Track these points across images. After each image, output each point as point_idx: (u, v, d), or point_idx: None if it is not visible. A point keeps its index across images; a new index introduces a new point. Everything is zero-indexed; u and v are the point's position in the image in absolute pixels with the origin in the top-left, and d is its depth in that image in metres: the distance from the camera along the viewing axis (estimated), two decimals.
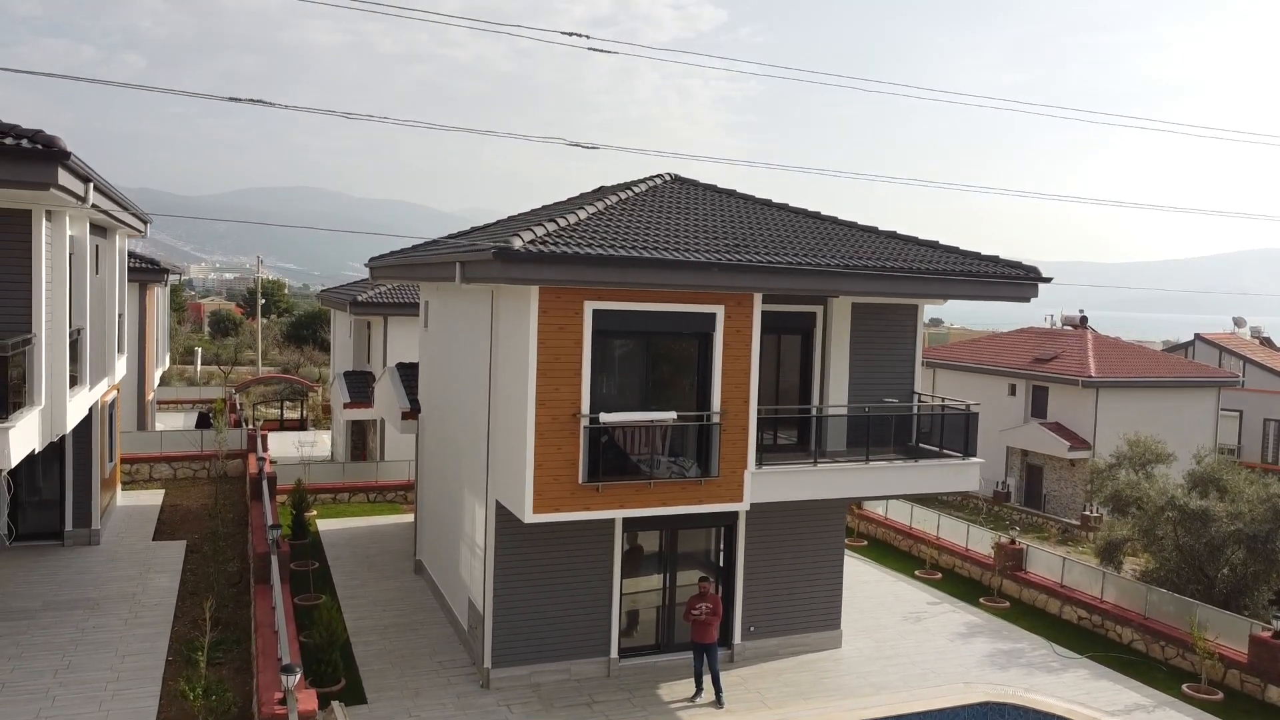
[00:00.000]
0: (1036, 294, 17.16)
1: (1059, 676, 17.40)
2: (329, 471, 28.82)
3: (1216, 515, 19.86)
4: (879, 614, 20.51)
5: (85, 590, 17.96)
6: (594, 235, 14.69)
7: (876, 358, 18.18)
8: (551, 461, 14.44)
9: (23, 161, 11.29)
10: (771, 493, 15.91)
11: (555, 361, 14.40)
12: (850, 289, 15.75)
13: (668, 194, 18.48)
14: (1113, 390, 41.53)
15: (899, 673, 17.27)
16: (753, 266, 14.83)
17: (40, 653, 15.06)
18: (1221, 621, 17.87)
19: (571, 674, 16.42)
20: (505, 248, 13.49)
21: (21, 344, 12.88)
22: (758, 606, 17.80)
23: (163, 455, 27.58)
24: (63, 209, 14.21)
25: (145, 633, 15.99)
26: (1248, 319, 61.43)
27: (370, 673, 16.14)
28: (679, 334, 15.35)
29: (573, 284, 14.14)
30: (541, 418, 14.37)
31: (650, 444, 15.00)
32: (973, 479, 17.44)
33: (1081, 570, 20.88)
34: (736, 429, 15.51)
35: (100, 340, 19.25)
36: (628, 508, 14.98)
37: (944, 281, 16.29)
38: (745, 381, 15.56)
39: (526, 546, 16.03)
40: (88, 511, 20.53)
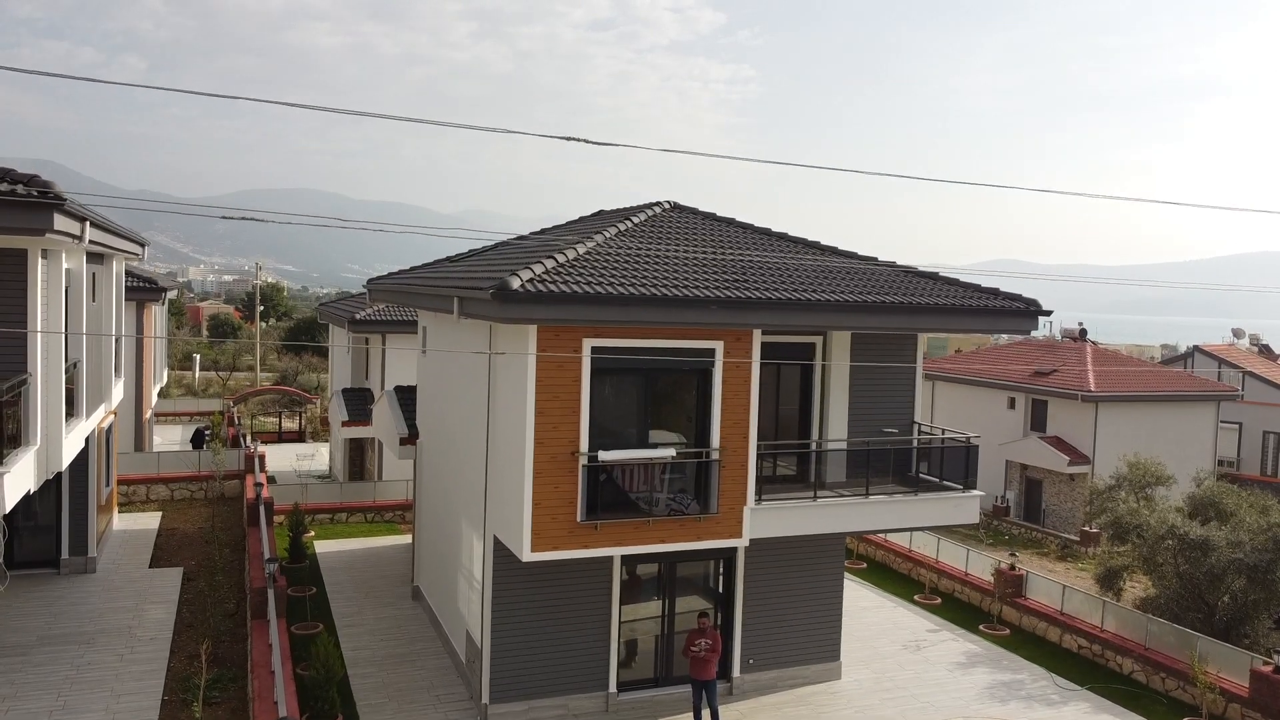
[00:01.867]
0: (1036, 326, 17.11)
1: (1059, 710, 17.33)
2: (327, 491, 28.73)
3: (1217, 544, 19.79)
4: (878, 642, 20.43)
5: (81, 623, 17.87)
6: (592, 271, 14.62)
7: (876, 387, 18.11)
8: (550, 500, 14.38)
9: (18, 209, 11.21)
10: (771, 528, 15.85)
11: (553, 400, 14.33)
12: (849, 324, 15.70)
13: (667, 224, 18.43)
14: (1112, 405, 41.46)
15: (898, 707, 17.19)
16: (752, 302, 14.77)
17: (34, 692, 14.96)
18: (1222, 654, 17.79)
19: (569, 709, 16.34)
20: (503, 288, 13.42)
21: (17, 385, 12.80)
22: (757, 639, 17.72)
23: (159, 476, 27.48)
24: (58, 248, 14.13)
25: (140, 670, 15.90)
26: (1248, 323, 61.43)
27: (368, 707, 16.06)
28: (678, 370, 15.29)
29: (571, 323, 14.07)
30: (539, 456, 14.31)
31: (649, 481, 14.92)
32: (972, 512, 17.38)
33: (1082, 598, 20.80)
34: (736, 465, 15.45)
35: (97, 368, 19.17)
36: (626, 545, 14.91)
37: (944, 314, 16.23)
38: (744, 417, 15.50)
39: (525, 582, 15.95)
40: (84, 539, 20.45)
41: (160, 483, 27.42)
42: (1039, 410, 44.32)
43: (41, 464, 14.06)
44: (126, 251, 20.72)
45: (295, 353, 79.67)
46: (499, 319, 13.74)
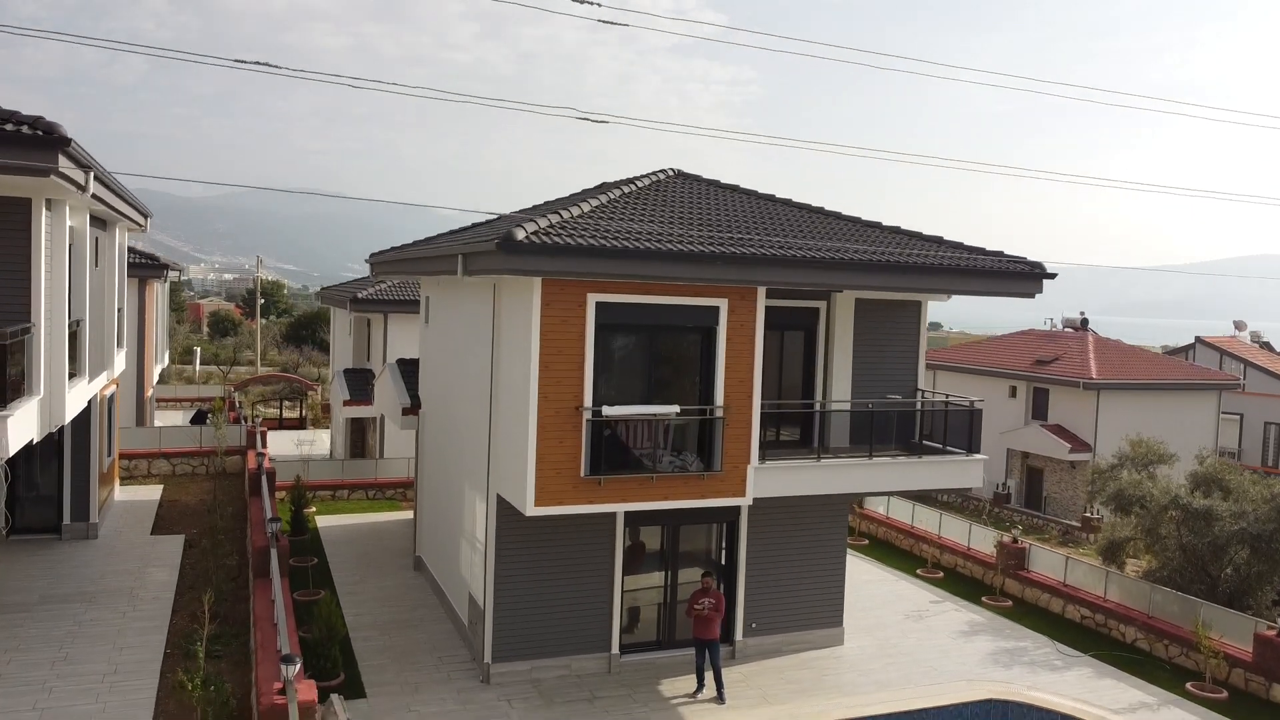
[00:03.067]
0: (1041, 289, 17.06)
1: (1062, 675, 17.30)
2: (328, 469, 28.71)
3: (1220, 515, 19.77)
4: (881, 613, 20.41)
5: (83, 584, 17.85)
6: (597, 228, 14.60)
7: (880, 355, 18.10)
8: (553, 454, 14.35)
9: (24, 147, 11.21)
10: (774, 488, 15.81)
11: (558, 354, 14.30)
12: (854, 282, 15.64)
13: (671, 189, 18.40)
14: (1114, 393, 41.46)
15: (901, 671, 17.16)
16: (757, 258, 14.75)
17: (37, 645, 14.94)
18: (1226, 620, 17.77)
19: (572, 669, 16.32)
20: (508, 239, 13.41)
21: (20, 333, 12.77)
22: (760, 603, 17.70)
23: (161, 451, 27.45)
24: (63, 198, 14.12)
25: (143, 626, 15.87)
26: (1249, 324, 61.36)
27: (369, 668, 16.03)
28: (682, 328, 15.26)
29: (576, 276, 14.04)
30: (544, 411, 14.28)
31: (653, 438, 14.91)
32: (976, 475, 17.35)
33: (1085, 570, 20.78)
34: (739, 424, 15.42)
35: (99, 333, 19.15)
36: (630, 501, 14.88)
37: (949, 274, 16.19)
38: (748, 376, 15.47)
39: (527, 541, 15.93)
40: (86, 505, 20.42)
41: (162, 457, 27.39)
42: (1040, 399, 44.32)
43: (44, 415, 14.04)
44: (130, 219, 20.71)
45: (296, 345, 79.72)
46: (504, 270, 13.70)
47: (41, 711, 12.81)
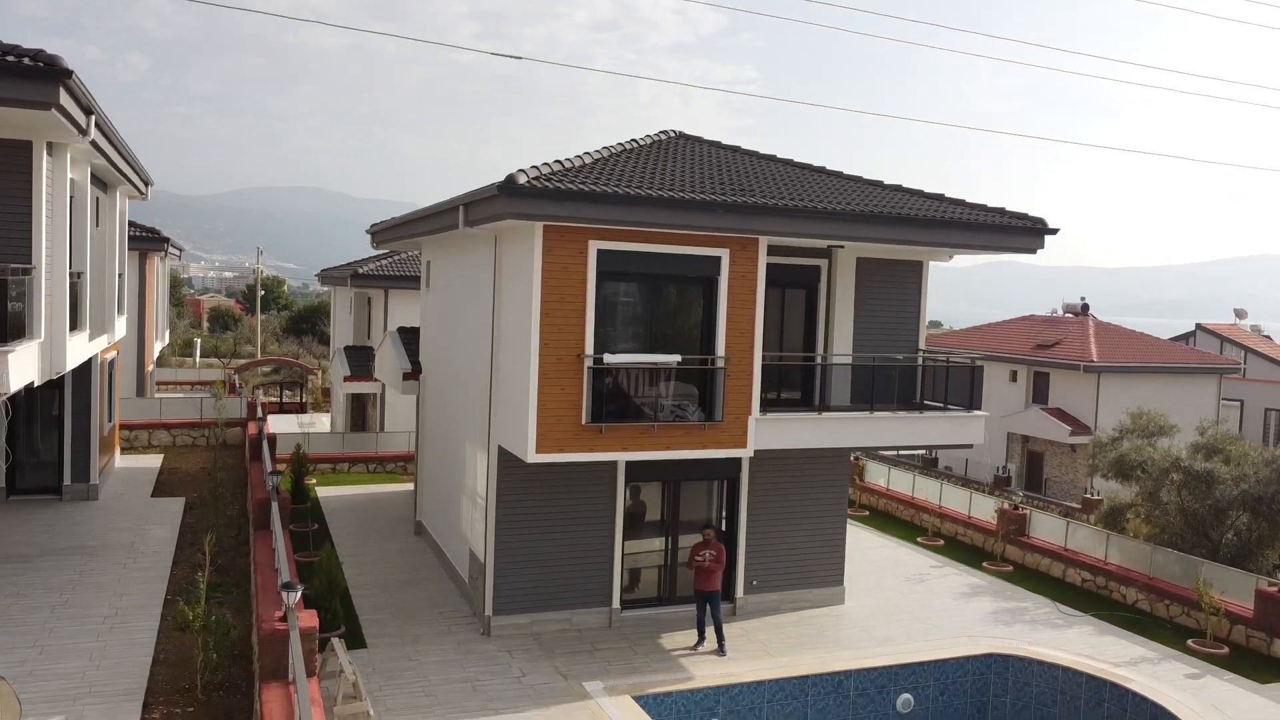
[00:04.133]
0: (1043, 245, 17.04)
1: (1063, 632, 17.29)
2: (328, 441, 28.69)
3: (1222, 477, 19.76)
4: (881, 576, 20.40)
5: (83, 539, 17.85)
6: (598, 178, 14.59)
7: (881, 315, 18.08)
8: (554, 402, 14.34)
9: (24, 79, 11.19)
10: (775, 440, 15.80)
11: (559, 302, 14.29)
12: (856, 233, 15.62)
13: (673, 148, 18.38)
14: (1114, 376, 41.47)
15: (902, 628, 17.15)
16: (758, 206, 14.74)
17: (38, 592, 14.94)
18: (1227, 578, 17.77)
19: (573, 623, 16.31)
20: (509, 181, 13.41)
21: (21, 272, 12.77)
22: (760, 561, 17.68)
23: (161, 422, 27.44)
24: (64, 141, 14.10)
25: (143, 575, 15.88)
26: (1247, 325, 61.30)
27: (370, 622, 16.03)
28: (683, 277, 15.25)
29: (577, 221, 14.03)
30: (545, 358, 14.27)
31: (654, 387, 14.90)
32: (977, 432, 17.34)
33: (1086, 533, 20.77)
34: (741, 374, 15.40)
35: (100, 293, 19.15)
36: (631, 450, 14.87)
37: (950, 227, 16.17)
38: (750, 327, 15.45)
39: (528, 493, 15.92)
40: (86, 467, 20.41)
41: (162, 428, 27.37)
42: (1040, 383, 44.34)
43: (45, 359, 14.03)
44: (131, 183, 20.70)
45: (296, 337, 79.69)
46: (505, 215, 13.67)
47: (42, 649, 12.82)
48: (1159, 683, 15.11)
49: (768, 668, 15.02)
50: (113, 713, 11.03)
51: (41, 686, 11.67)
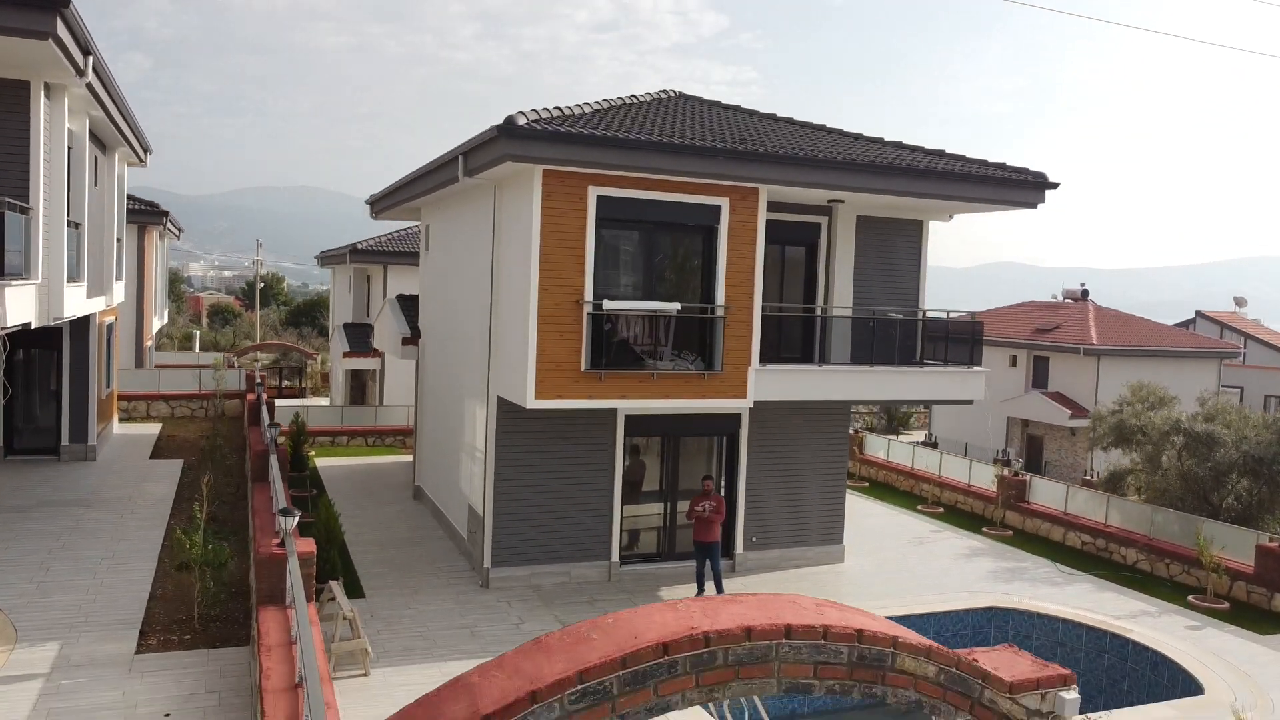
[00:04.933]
0: (1043, 199, 17.01)
1: (1063, 589, 17.24)
2: (327, 415, 28.64)
3: (1222, 440, 19.70)
4: (881, 539, 20.35)
5: (81, 494, 17.81)
6: (597, 125, 14.54)
7: (881, 274, 18.05)
8: (554, 348, 14.30)
9: (21, 7, 11.15)
10: (775, 391, 15.76)
11: (558, 247, 14.25)
12: (857, 184, 15.57)
13: (672, 104, 18.33)
14: (1114, 359, 41.36)
15: (902, 586, 17.10)
16: (758, 154, 14.71)
17: (35, 537, 14.90)
18: (1227, 535, 17.71)
19: (572, 576, 16.26)
20: (509, 122, 13.38)
21: (20, 211, 12.72)
22: (760, 518, 17.62)
23: (160, 394, 27.37)
24: (62, 83, 14.05)
25: (140, 525, 15.83)
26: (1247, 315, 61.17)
27: (368, 575, 15.98)
28: (684, 226, 15.21)
29: (576, 165, 13.99)
30: (544, 304, 14.23)
31: (654, 336, 14.86)
32: (977, 388, 17.31)
33: (1086, 496, 20.72)
34: (740, 324, 15.36)
35: (98, 251, 19.10)
36: (630, 398, 14.82)
37: (951, 180, 16.13)
38: (749, 277, 15.41)
39: (527, 446, 15.87)
40: (84, 427, 20.35)
41: (161, 400, 27.30)
42: (1040, 367, 44.24)
43: (42, 303, 13.99)
44: (130, 146, 20.65)
45: (295, 328, 79.62)
46: (505, 158, 13.62)
47: (39, 585, 12.77)
48: (1159, 633, 15.06)
49: None
50: (109, 639, 10.98)
51: (37, 616, 11.62)
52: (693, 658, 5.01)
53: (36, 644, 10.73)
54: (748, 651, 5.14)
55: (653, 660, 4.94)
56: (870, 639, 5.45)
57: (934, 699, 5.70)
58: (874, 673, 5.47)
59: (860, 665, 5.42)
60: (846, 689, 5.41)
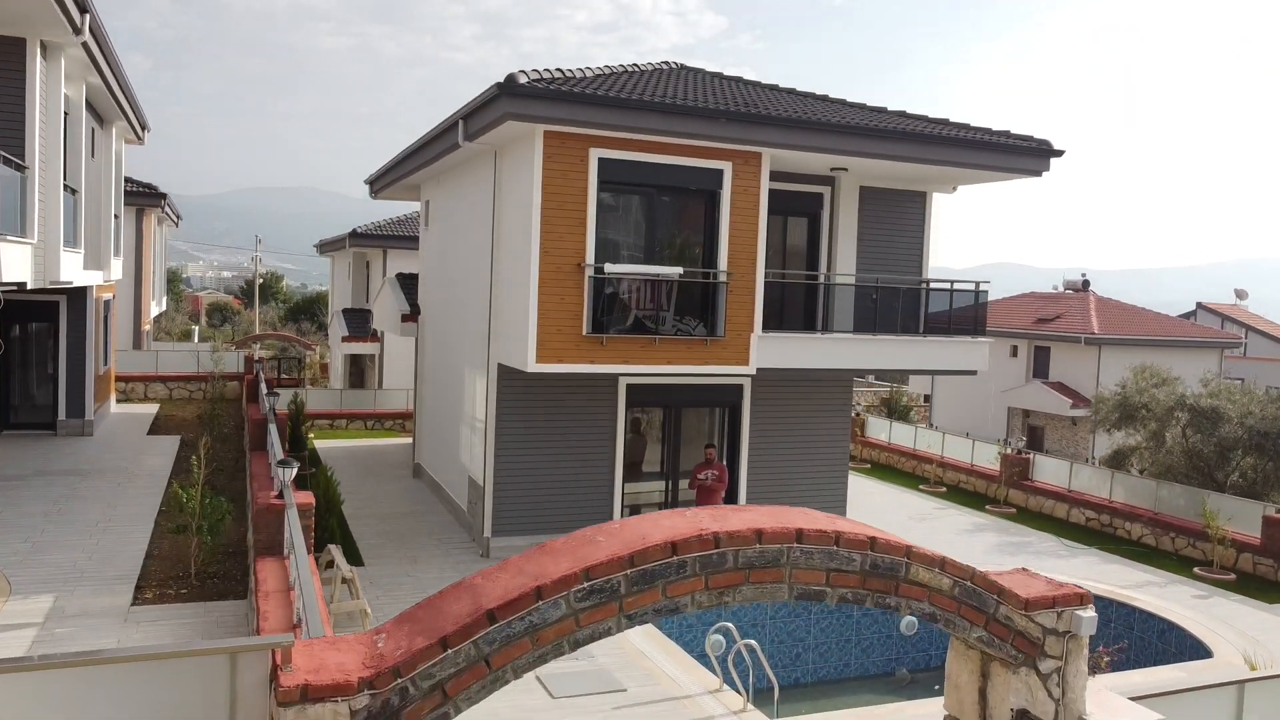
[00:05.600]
0: (1048, 167, 16.86)
1: (1068, 561, 17.13)
2: (326, 398, 28.50)
3: (1227, 415, 19.57)
4: (884, 516, 20.18)
5: (78, 464, 17.66)
6: (599, 88, 14.40)
7: (884, 246, 17.92)
8: (555, 311, 14.16)
9: None
10: (777, 358, 15.61)
11: (560, 209, 14.11)
12: (860, 149, 15.43)
13: (673, 73, 18.19)
14: (1116, 348, 41.19)
15: None
16: (762, 116, 14.58)
17: (31, 502, 14.76)
18: (1233, 507, 17.58)
19: None
20: (510, 80, 13.25)
21: (15, 165, 12.58)
22: (762, 489, 17.46)
23: (158, 375, 27.22)
24: (58, 42, 13.92)
25: (137, 493, 15.69)
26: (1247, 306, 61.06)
27: (367, 545, 15.85)
28: (686, 190, 15.07)
29: (578, 126, 13.85)
30: (545, 266, 14.09)
31: (655, 301, 14.72)
32: (980, 358, 17.17)
33: (1090, 473, 20.60)
34: (743, 290, 15.22)
35: (96, 224, 18.95)
36: (632, 363, 14.67)
37: (956, 146, 15.98)
38: (752, 243, 15.27)
39: (528, 414, 15.73)
40: (81, 402, 20.20)
41: (159, 381, 27.14)
42: (1041, 357, 44.10)
43: (39, 264, 13.85)
44: (128, 118, 20.50)
45: (295, 322, 79.50)
46: (506, 117, 13.47)
47: (35, 544, 12.62)
48: (1166, 602, 14.93)
49: None
50: (105, 593, 10.83)
51: (33, 572, 11.48)
52: (702, 558, 4.87)
53: (31, 596, 10.59)
54: (758, 554, 5.01)
55: (661, 560, 4.80)
56: (884, 548, 5.32)
57: (948, 612, 5.56)
58: (887, 583, 5.33)
59: (873, 574, 5.28)
60: (860, 598, 5.27)
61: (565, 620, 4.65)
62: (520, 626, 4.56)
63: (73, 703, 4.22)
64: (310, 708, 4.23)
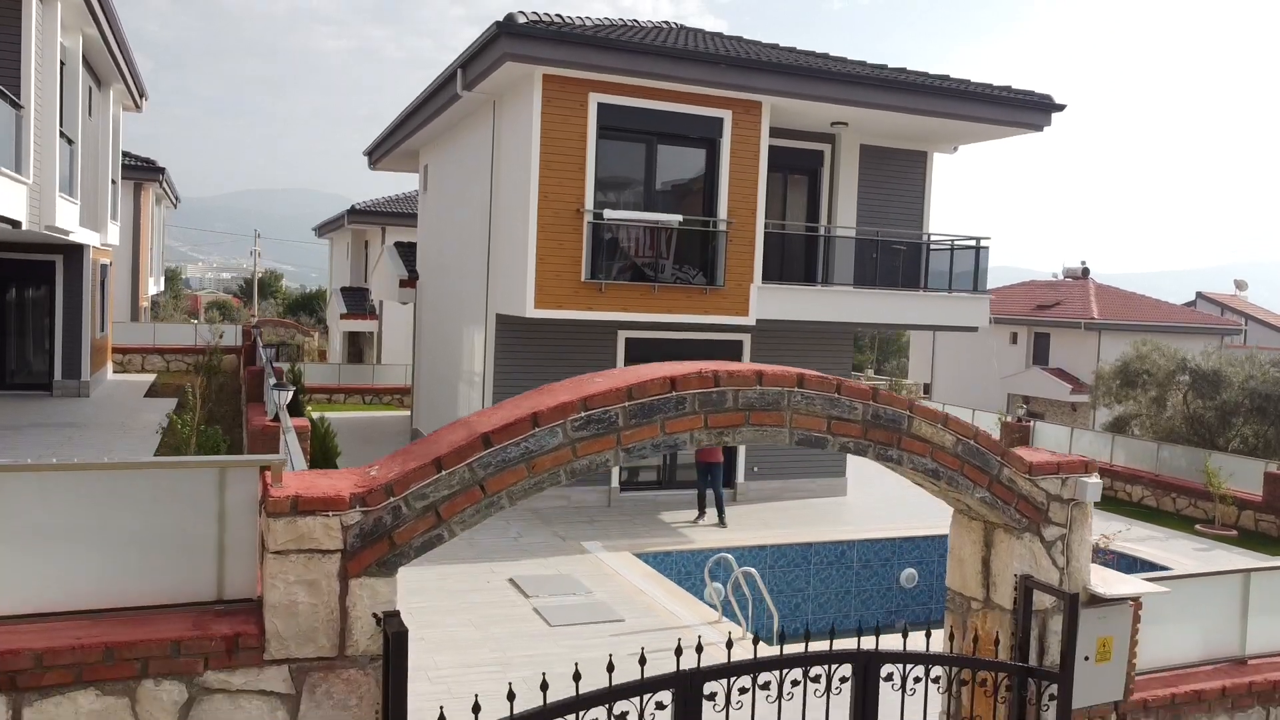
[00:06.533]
0: (1049, 122, 16.81)
1: None
2: (324, 373, 28.41)
3: (1230, 379, 19.50)
4: (883, 480, 19.92)
5: (75, 419, 17.55)
6: (599, 31, 14.33)
7: (885, 204, 17.85)
8: (554, 257, 14.09)
9: None
10: (777, 309, 15.54)
11: (559, 154, 14.05)
12: (861, 98, 15.37)
13: (673, 30, 18.13)
14: (1115, 334, 41.09)
15: (906, 513, 16.88)
16: (762, 63, 14.55)
17: (28, 448, 14.60)
18: (1235, 465, 17.52)
19: (571, 501, 16.02)
20: (508, 20, 13.19)
21: (11, 102, 12.50)
22: (762, 450, 17.38)
23: (155, 347, 27.10)
24: None
25: (133, 444, 15.56)
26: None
27: None
28: (686, 137, 15.01)
29: (578, 69, 13.79)
30: (544, 211, 14.02)
31: (655, 249, 14.66)
32: (981, 314, 17.11)
33: (1091, 438, 20.52)
34: (743, 240, 15.16)
35: (92, 182, 18.87)
36: (631, 311, 14.60)
37: (957, 97, 15.94)
38: (752, 193, 15.21)
39: (526, 365, 15.65)
40: (77, 363, 20.08)
41: (156, 353, 27.02)
42: (1041, 343, 44.04)
43: (34, 206, 13.77)
44: (125, 81, 20.43)
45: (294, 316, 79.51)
46: (505, 57, 13.40)
47: None
48: (1167, 553, 14.85)
49: (770, 536, 14.76)
50: None
51: None
52: (701, 396, 4.78)
53: None
54: (759, 396, 4.92)
55: (660, 394, 4.71)
56: (886, 399, 5.23)
57: (951, 470, 5.48)
58: (889, 434, 5.24)
59: (875, 425, 5.19)
60: (861, 448, 5.19)
61: (562, 449, 4.56)
62: (516, 452, 4.47)
63: (62, 509, 4.16)
64: (300, 520, 4.14)
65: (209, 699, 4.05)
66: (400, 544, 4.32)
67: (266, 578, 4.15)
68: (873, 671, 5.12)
